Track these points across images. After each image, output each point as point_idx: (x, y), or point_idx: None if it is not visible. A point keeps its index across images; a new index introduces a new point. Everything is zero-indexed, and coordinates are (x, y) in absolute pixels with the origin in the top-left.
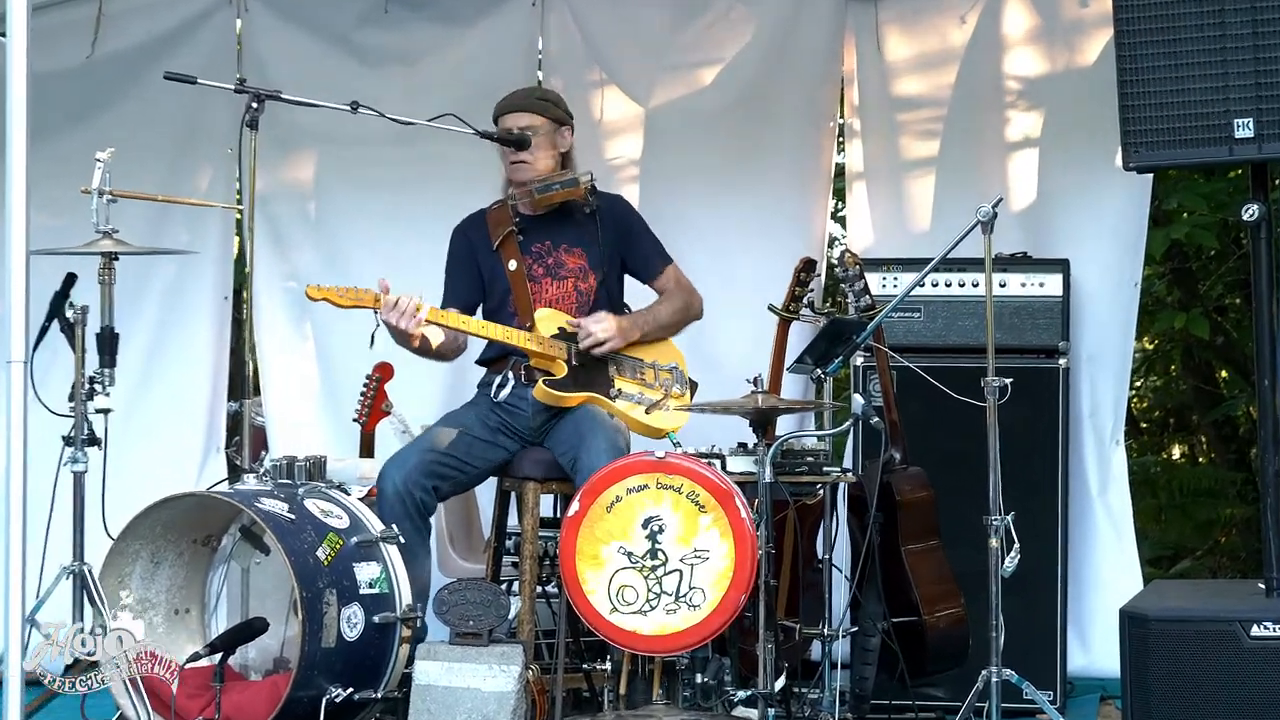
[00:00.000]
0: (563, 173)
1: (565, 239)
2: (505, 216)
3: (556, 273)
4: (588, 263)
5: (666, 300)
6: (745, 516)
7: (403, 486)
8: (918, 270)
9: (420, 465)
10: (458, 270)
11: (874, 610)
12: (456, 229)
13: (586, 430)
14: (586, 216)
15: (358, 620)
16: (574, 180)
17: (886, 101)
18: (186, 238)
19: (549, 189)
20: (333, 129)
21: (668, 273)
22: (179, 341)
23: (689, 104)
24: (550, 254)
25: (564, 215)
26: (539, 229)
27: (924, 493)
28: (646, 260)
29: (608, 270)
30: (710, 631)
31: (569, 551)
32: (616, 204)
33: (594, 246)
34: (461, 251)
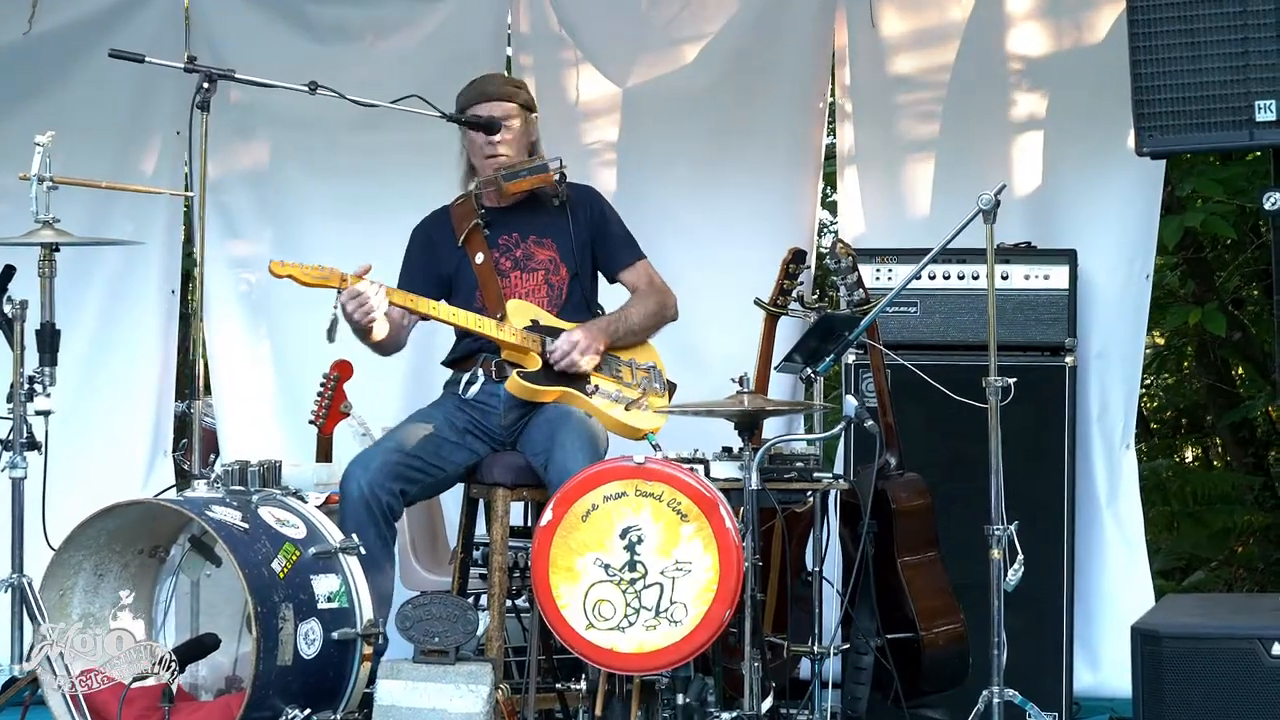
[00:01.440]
0: (531, 159)
1: (534, 230)
2: (469, 209)
3: (526, 265)
4: (558, 255)
5: (639, 302)
6: (730, 526)
7: (368, 489)
8: (914, 261)
9: (386, 467)
10: (415, 268)
11: (867, 626)
12: (417, 228)
13: (561, 431)
14: (556, 208)
15: (315, 636)
16: (543, 166)
17: (881, 81)
18: (131, 227)
19: (517, 176)
20: (289, 111)
21: (639, 268)
22: (123, 338)
23: (669, 83)
24: (519, 246)
25: (532, 206)
26: (506, 220)
27: (921, 500)
28: (616, 253)
29: (580, 263)
30: (693, 649)
31: (541, 563)
32: (587, 194)
33: (565, 238)
34: (421, 248)
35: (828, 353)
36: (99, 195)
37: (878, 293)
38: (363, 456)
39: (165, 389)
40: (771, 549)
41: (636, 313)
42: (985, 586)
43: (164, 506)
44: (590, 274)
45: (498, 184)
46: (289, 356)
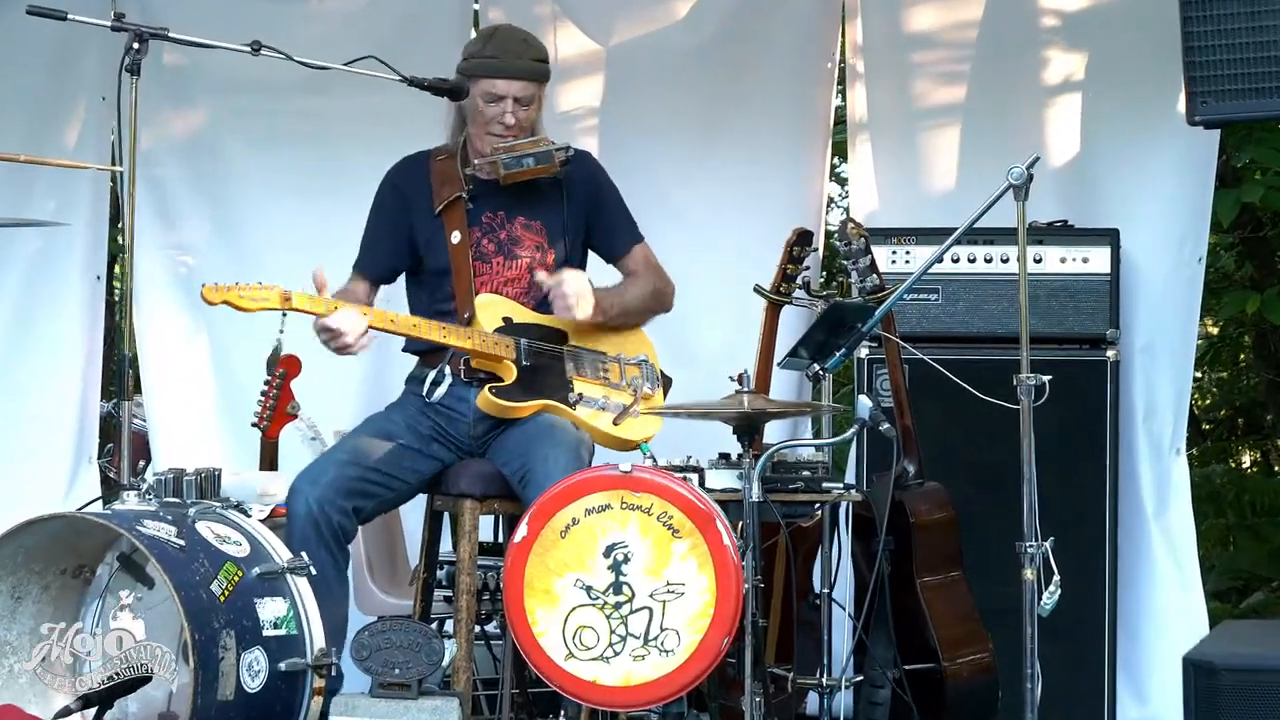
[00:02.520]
0: (535, 141)
1: (523, 210)
2: (454, 174)
3: (509, 250)
4: (547, 239)
5: (635, 283)
6: (728, 543)
7: (316, 507)
8: (936, 242)
9: (338, 481)
10: (381, 229)
11: (883, 655)
12: (389, 177)
13: (538, 437)
14: (551, 183)
15: (260, 667)
16: (548, 155)
17: (898, 39)
18: (53, 205)
19: (519, 164)
20: (229, 74)
21: (636, 253)
22: (42, 330)
23: (657, 42)
24: (504, 227)
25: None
26: (493, 196)
27: (943, 514)
28: (614, 234)
29: (570, 244)
30: (686, 682)
31: (515, 585)
32: (585, 163)
33: (557, 217)
34: (393, 207)
35: (837, 347)
36: (15, 169)
37: (894, 278)
38: (311, 470)
39: (90, 387)
40: (774, 569)
41: (634, 294)
42: (1016, 611)
43: (89, 521)
44: (581, 254)
45: (495, 170)
46: (230, 351)
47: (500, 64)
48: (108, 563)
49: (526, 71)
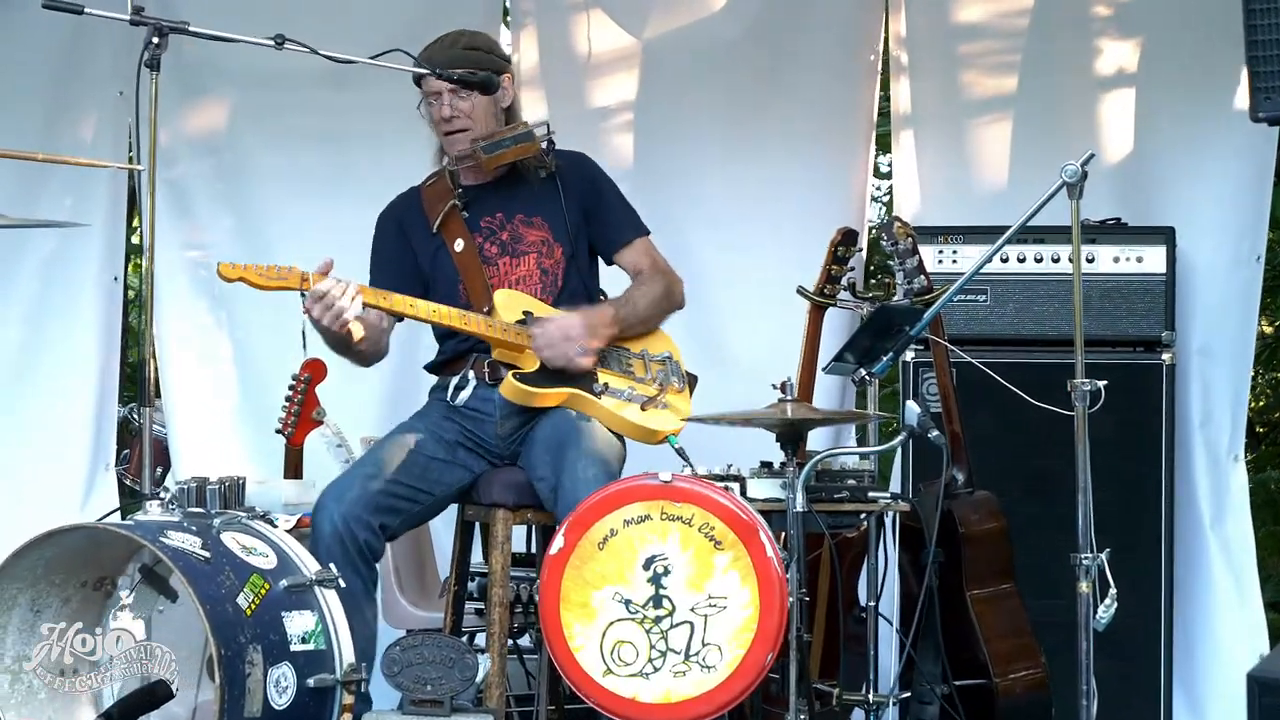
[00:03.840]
0: (513, 126)
1: (521, 208)
2: (444, 189)
3: (514, 249)
4: (551, 234)
5: (644, 285)
6: (771, 554)
7: (342, 525)
8: (984, 241)
9: (364, 498)
10: (385, 262)
11: (932, 671)
12: (383, 213)
13: (569, 445)
14: (544, 181)
15: (288, 683)
16: (528, 134)
17: (943, 28)
18: (69, 204)
19: (499, 147)
20: (249, 68)
21: (638, 247)
22: (58, 333)
23: (694, 34)
24: (504, 227)
25: (516, 180)
26: (487, 199)
27: (994, 524)
28: (615, 229)
29: (576, 243)
30: (728, 699)
31: (551, 598)
32: (579, 163)
33: (557, 214)
34: (390, 236)
35: (885, 351)
36: (30, 168)
37: (940, 279)
38: (336, 486)
39: (106, 391)
40: (819, 581)
41: (644, 299)
42: (1070, 625)
43: (111, 532)
44: (588, 254)
45: (476, 157)
46: (253, 355)
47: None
48: (129, 574)
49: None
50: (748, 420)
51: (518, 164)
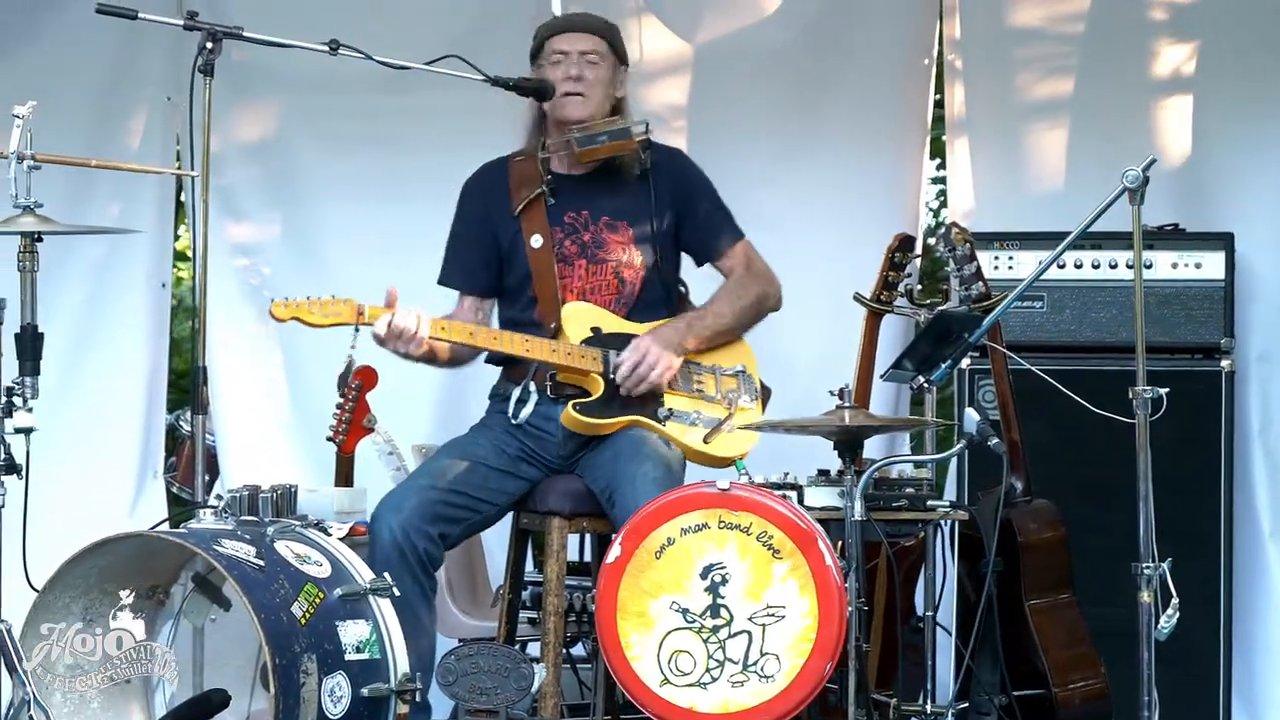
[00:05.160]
0: (611, 120)
1: (608, 209)
2: (533, 172)
3: (594, 254)
4: (634, 241)
5: (733, 292)
6: (830, 563)
7: (401, 535)
8: (1041, 247)
9: (422, 508)
10: (467, 243)
11: (990, 681)
12: (468, 183)
13: (629, 456)
14: (638, 178)
15: (342, 693)
16: (625, 130)
17: (998, 33)
18: (117, 210)
19: (593, 141)
20: (301, 73)
21: (737, 252)
22: (106, 339)
23: (747, 38)
24: (587, 228)
25: (609, 175)
26: (575, 192)
27: (1053, 533)
28: (710, 234)
29: (662, 249)
30: (787, 709)
31: (608, 607)
32: (675, 159)
33: (644, 218)
34: (474, 216)
35: (943, 358)
36: (78, 172)
37: (996, 285)
38: (393, 496)
39: (154, 398)
40: (876, 590)
41: (730, 308)
42: (1129, 634)
43: (164, 540)
44: (673, 258)
45: (570, 147)
46: (303, 361)
47: (560, 22)
48: (182, 583)
49: (587, 24)
50: (804, 427)
51: (613, 159)
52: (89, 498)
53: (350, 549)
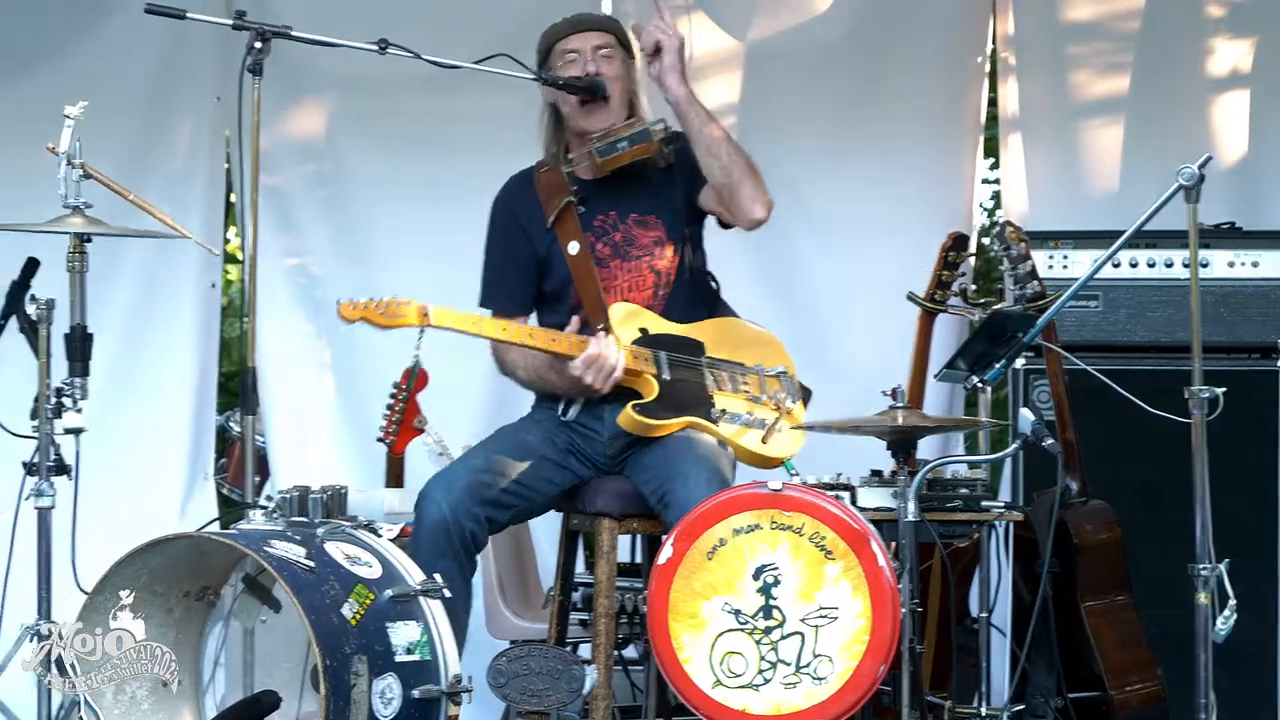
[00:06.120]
0: (630, 123)
1: (636, 206)
2: (559, 182)
3: (627, 252)
4: (665, 232)
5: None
6: (883, 564)
7: (449, 514)
8: (1096, 246)
9: (472, 488)
10: (506, 259)
11: (1045, 683)
12: (498, 201)
13: (680, 456)
14: (662, 172)
15: (394, 695)
16: (644, 134)
17: (1053, 30)
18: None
19: (613, 149)
20: (349, 72)
21: None
22: (155, 339)
23: (797, 36)
24: (618, 228)
25: (631, 175)
26: (602, 196)
27: (1109, 534)
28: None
29: (689, 234)
30: (840, 711)
31: (660, 608)
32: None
33: (671, 208)
34: (508, 234)
35: (998, 358)
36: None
37: (1051, 284)
38: (444, 475)
39: (204, 400)
40: (929, 591)
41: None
42: (1186, 636)
43: (214, 541)
44: (698, 238)
45: (591, 159)
46: (352, 363)
47: (565, 24)
48: (232, 584)
49: (593, 21)
50: (857, 427)
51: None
52: (139, 499)
53: (401, 550)
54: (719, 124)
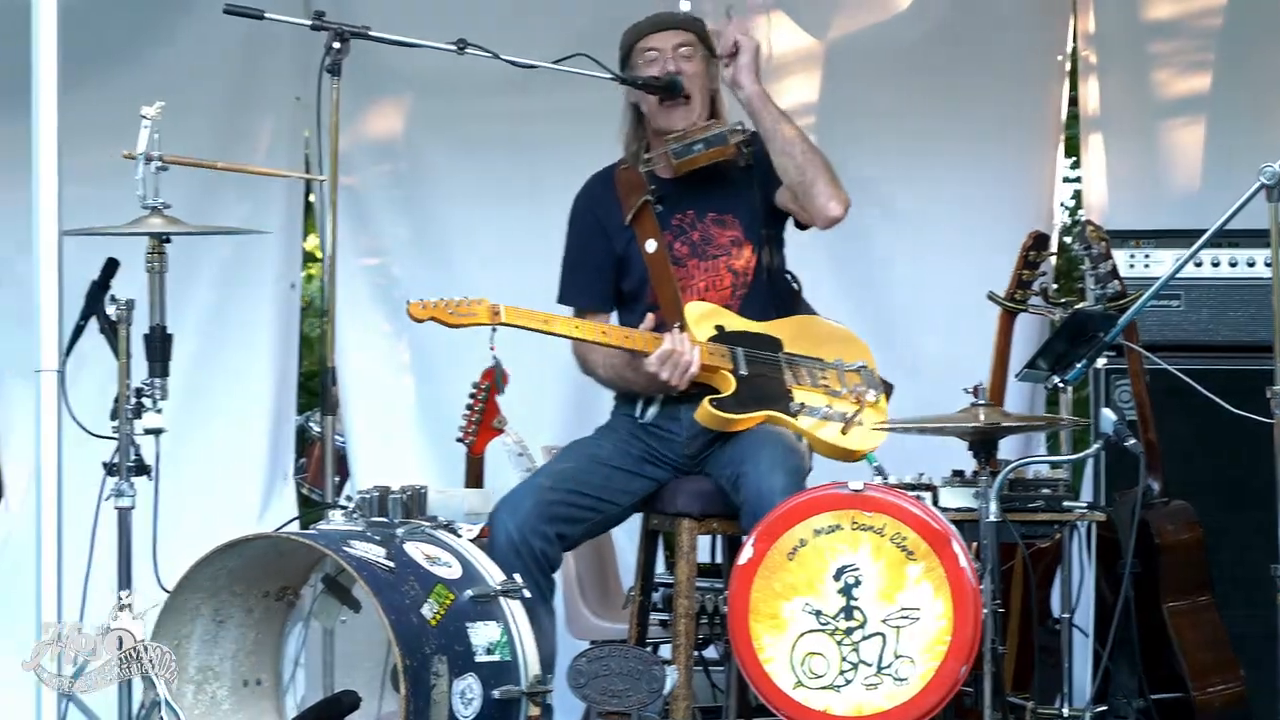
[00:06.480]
0: (708, 125)
1: (713, 205)
2: (638, 180)
3: (704, 251)
4: (742, 232)
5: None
6: (965, 565)
7: (517, 535)
8: (1177, 245)
9: (538, 508)
10: (585, 257)
11: (1128, 684)
12: (578, 199)
13: (756, 449)
14: (741, 171)
15: (474, 695)
16: (722, 136)
17: (1135, 28)
18: (246, 210)
19: (689, 151)
20: (428, 72)
21: None
22: (235, 340)
23: (877, 35)
24: (695, 227)
25: (711, 172)
26: (680, 195)
27: (1191, 534)
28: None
29: (767, 234)
30: (922, 712)
31: (740, 609)
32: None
33: (749, 208)
34: (587, 233)
35: (1079, 358)
36: (205, 174)
37: (1132, 284)
38: (510, 497)
39: (284, 400)
40: (1011, 592)
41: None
42: (1270, 637)
43: (294, 541)
44: (778, 239)
45: (667, 160)
46: (432, 362)
47: (646, 23)
48: (312, 584)
49: (674, 19)
50: (939, 427)
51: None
52: (219, 500)
53: (480, 550)
54: (793, 123)
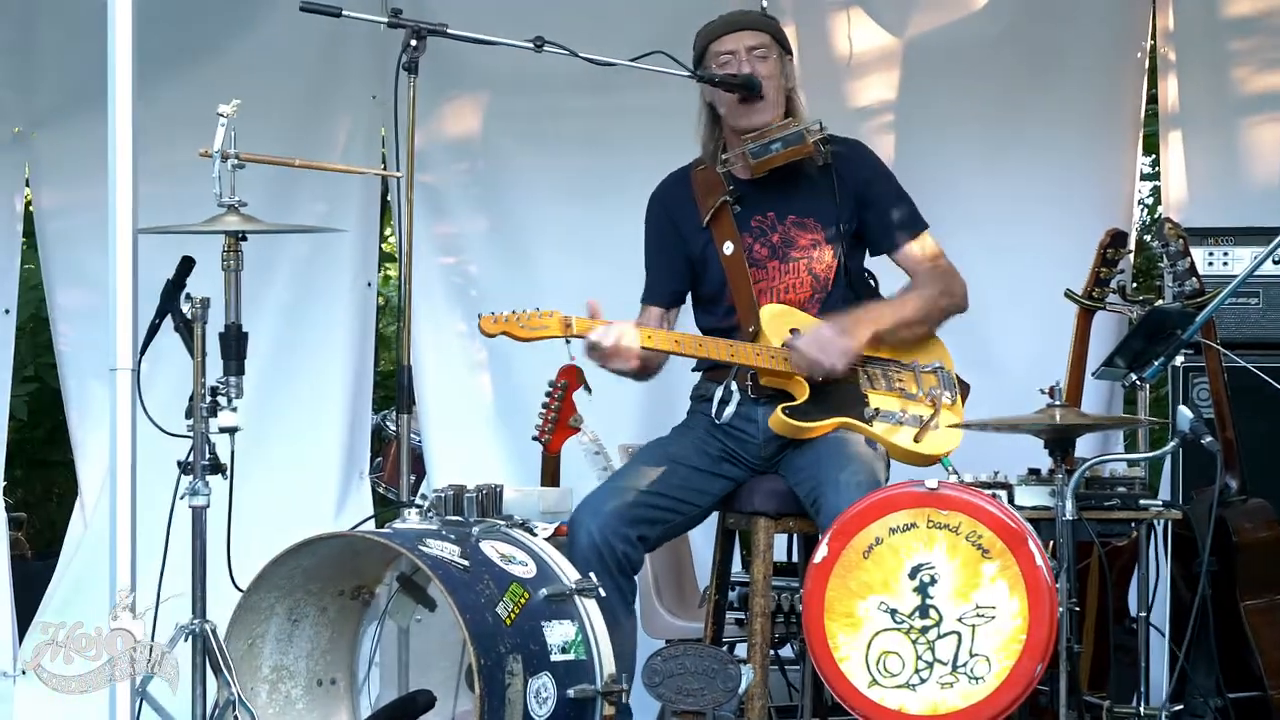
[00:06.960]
0: (785, 124)
1: (794, 207)
2: (716, 181)
3: (785, 254)
4: (823, 236)
5: (918, 289)
6: (1041, 563)
7: (599, 537)
8: (1256, 242)
9: (620, 510)
10: (659, 255)
11: (1205, 683)
12: (654, 198)
13: (832, 458)
14: (820, 171)
15: (548, 695)
16: (799, 135)
17: (1215, 24)
18: (323, 209)
19: (767, 150)
20: (504, 70)
21: (918, 244)
22: (311, 337)
23: (955, 32)
24: (775, 229)
25: (792, 172)
26: (759, 196)
27: (1269, 532)
28: (890, 225)
29: (849, 243)
30: (997, 711)
31: (815, 607)
32: (855, 151)
33: (829, 212)
34: (662, 229)
35: (1156, 355)
36: (282, 172)
37: (1211, 281)
38: (591, 499)
39: (360, 398)
40: (1087, 591)
41: (914, 303)
42: None
43: (368, 540)
44: (861, 250)
45: (745, 159)
46: (509, 360)
47: (720, 23)
48: (387, 583)
49: (748, 20)
50: (1015, 426)
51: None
52: (294, 498)
53: (556, 549)
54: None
